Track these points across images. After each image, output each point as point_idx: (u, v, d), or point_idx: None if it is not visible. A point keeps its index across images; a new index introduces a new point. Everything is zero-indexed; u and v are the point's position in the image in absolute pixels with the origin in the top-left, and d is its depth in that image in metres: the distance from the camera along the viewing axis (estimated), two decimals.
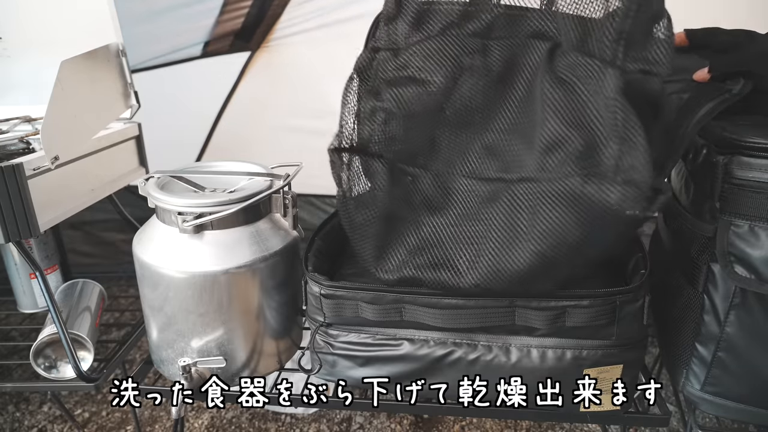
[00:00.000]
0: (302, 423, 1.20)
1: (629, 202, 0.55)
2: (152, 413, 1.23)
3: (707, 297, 0.68)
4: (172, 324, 0.75)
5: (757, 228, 0.62)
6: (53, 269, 1.06)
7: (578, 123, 0.59)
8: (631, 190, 0.55)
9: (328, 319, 0.75)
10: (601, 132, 0.58)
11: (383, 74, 0.69)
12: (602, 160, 0.57)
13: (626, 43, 0.57)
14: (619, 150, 0.56)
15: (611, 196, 0.56)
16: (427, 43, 0.67)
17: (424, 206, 0.71)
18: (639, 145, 0.55)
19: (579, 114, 0.59)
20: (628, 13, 0.56)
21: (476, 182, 0.68)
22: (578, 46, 0.61)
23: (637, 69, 0.57)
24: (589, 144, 0.59)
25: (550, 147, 0.61)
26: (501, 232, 0.64)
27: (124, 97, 1.01)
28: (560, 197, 0.59)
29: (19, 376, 1.12)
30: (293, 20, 1.37)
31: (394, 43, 0.70)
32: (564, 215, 0.59)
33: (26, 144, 0.91)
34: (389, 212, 0.71)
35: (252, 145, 1.51)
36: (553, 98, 0.60)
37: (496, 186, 0.66)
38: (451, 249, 0.68)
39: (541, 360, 0.70)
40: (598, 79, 0.57)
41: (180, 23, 1.39)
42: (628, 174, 0.56)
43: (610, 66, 0.57)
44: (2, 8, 1.03)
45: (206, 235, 0.73)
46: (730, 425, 0.97)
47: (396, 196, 0.71)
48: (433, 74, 0.66)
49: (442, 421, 1.20)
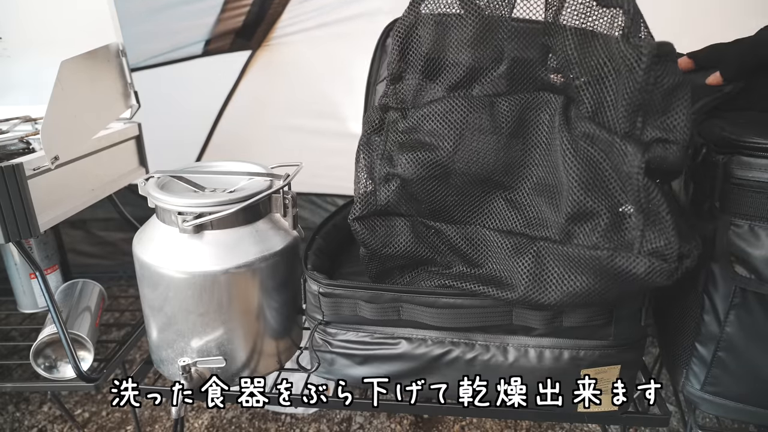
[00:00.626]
0: (302, 423, 1.20)
1: (656, 273, 0.57)
2: (152, 413, 1.23)
3: (707, 297, 0.68)
4: (172, 324, 0.75)
5: (757, 228, 0.62)
6: (53, 269, 1.06)
7: (603, 196, 0.60)
8: (658, 262, 0.57)
9: (326, 318, 0.75)
10: (626, 206, 0.60)
11: (394, 137, 0.70)
12: (628, 233, 0.59)
13: (644, 114, 0.58)
14: (644, 223, 0.58)
15: (639, 268, 0.57)
16: (433, 106, 0.67)
17: (451, 252, 0.72)
18: (664, 219, 0.57)
19: (603, 187, 0.60)
20: (645, 87, 0.56)
21: (501, 235, 0.68)
22: (593, 112, 0.61)
23: (656, 138, 0.57)
24: (615, 216, 0.60)
25: (577, 217, 0.62)
26: (528, 282, 0.64)
27: (124, 97, 1.01)
28: (587, 265, 0.60)
29: (19, 376, 1.12)
30: (294, 19, 1.37)
31: (402, 102, 0.70)
32: (592, 281, 0.60)
33: (26, 144, 0.91)
34: (416, 261, 0.74)
35: (252, 144, 1.50)
36: (576, 168, 0.61)
37: (520, 241, 0.66)
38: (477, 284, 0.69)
39: (538, 360, 0.70)
40: (618, 155, 0.58)
41: (181, 21, 1.39)
42: (653, 247, 0.57)
43: (629, 142, 0.57)
44: (2, 8, 1.03)
45: (206, 235, 0.73)
46: (730, 425, 0.97)
47: (423, 249, 0.73)
48: (441, 139, 0.66)
49: (442, 421, 1.20)
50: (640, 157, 0.56)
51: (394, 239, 0.72)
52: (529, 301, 0.64)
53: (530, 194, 0.68)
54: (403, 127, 0.69)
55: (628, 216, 0.59)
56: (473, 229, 0.71)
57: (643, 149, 0.56)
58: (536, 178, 0.68)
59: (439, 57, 0.67)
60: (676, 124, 0.57)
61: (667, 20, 0.61)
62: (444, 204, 0.71)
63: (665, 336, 0.79)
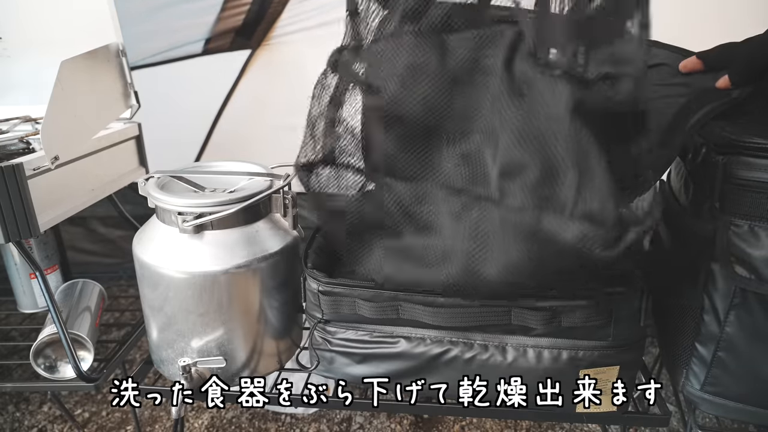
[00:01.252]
0: (302, 423, 1.20)
1: (589, 241, 0.48)
2: (152, 413, 1.23)
3: (707, 297, 0.68)
4: (172, 324, 0.75)
5: (757, 228, 0.62)
6: (53, 269, 1.06)
7: (536, 147, 0.51)
8: (591, 227, 0.48)
9: (326, 316, 0.75)
10: (559, 159, 0.50)
11: (345, 78, 0.65)
12: (561, 191, 0.50)
13: (588, 42, 0.49)
14: (579, 180, 0.48)
15: (569, 232, 0.49)
16: (380, 45, 0.61)
17: (401, 214, 0.67)
18: (597, 175, 0.48)
19: (536, 136, 0.51)
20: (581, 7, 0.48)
21: (451, 193, 0.62)
22: (537, 43, 0.52)
23: (602, 74, 0.49)
24: (547, 172, 0.51)
25: (506, 172, 0.54)
26: (467, 252, 0.59)
27: (124, 97, 1.01)
28: (517, 230, 0.53)
29: (19, 376, 1.12)
30: (294, 18, 1.37)
31: (358, 38, 0.65)
32: (525, 250, 0.53)
33: (26, 144, 0.90)
34: (364, 221, 0.68)
35: (252, 143, 1.50)
36: (510, 114, 0.53)
37: (466, 200, 0.61)
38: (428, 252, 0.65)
39: (537, 360, 0.70)
40: (550, 94, 0.49)
41: (180, 20, 1.39)
42: (587, 209, 0.48)
43: (562, 78, 0.48)
44: (2, 8, 1.03)
45: (206, 235, 0.73)
46: (730, 425, 0.97)
47: (369, 206, 0.67)
48: (386, 82, 0.60)
49: (442, 421, 1.20)
50: (568, 93, 0.47)
51: (341, 192, 0.67)
52: (470, 272, 0.57)
53: (479, 146, 0.60)
54: (352, 69, 0.64)
55: (560, 174, 0.49)
56: (424, 186, 0.64)
57: (574, 86, 0.47)
58: (488, 127, 0.59)
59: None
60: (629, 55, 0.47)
61: (666, 25, 0.60)
62: (394, 156, 0.64)
63: (665, 336, 0.79)
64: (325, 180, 0.67)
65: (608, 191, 0.47)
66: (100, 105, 0.94)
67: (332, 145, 0.64)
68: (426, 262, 0.64)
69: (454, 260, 0.60)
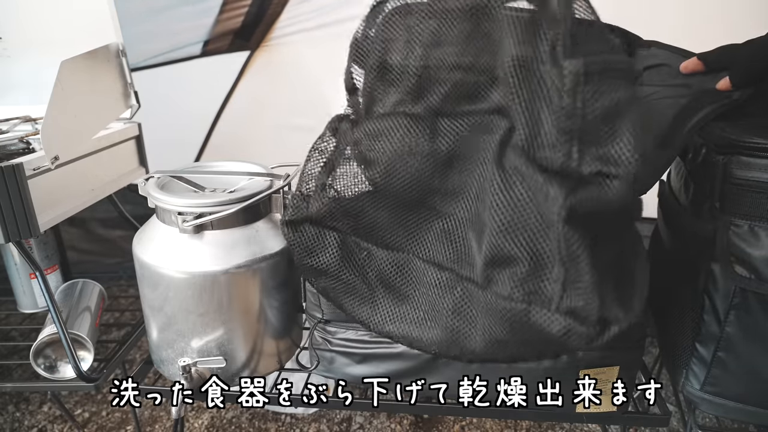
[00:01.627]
0: (302, 423, 1.20)
1: (573, 335, 0.51)
2: (152, 413, 1.23)
3: (707, 297, 0.68)
4: (172, 324, 0.75)
5: (757, 228, 0.62)
6: (53, 269, 1.06)
7: (525, 241, 0.53)
8: (575, 322, 0.51)
9: (326, 316, 0.75)
10: (547, 255, 0.52)
11: (341, 146, 0.67)
12: (547, 286, 0.53)
13: (580, 144, 0.49)
14: (565, 277, 0.51)
15: (554, 326, 0.52)
16: (375, 123, 0.63)
17: (379, 283, 0.69)
18: (585, 275, 0.49)
19: (526, 232, 0.53)
20: (574, 111, 0.47)
21: (432, 268, 0.65)
22: (528, 143, 0.52)
23: (594, 172, 0.49)
24: (535, 265, 0.53)
25: (495, 262, 0.56)
26: (450, 327, 0.63)
27: (124, 97, 1.01)
28: (504, 317, 0.56)
29: (19, 376, 1.12)
30: (293, 19, 1.37)
31: (356, 113, 0.68)
32: (510, 333, 0.57)
33: (26, 144, 0.91)
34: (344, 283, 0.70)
35: (251, 144, 1.50)
36: (499, 206, 0.54)
37: (449, 277, 0.63)
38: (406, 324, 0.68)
39: (537, 360, 0.70)
40: (542, 196, 0.50)
41: (179, 22, 1.39)
42: (573, 305, 0.51)
43: (552, 182, 0.49)
44: (2, 8, 1.03)
45: (206, 235, 0.73)
46: (730, 425, 0.97)
47: (350, 270, 0.69)
48: (378, 156, 0.62)
49: (442, 421, 1.20)
50: (561, 201, 0.48)
51: (320, 251, 0.69)
52: (454, 342, 0.62)
53: (464, 227, 0.63)
54: (349, 139, 0.66)
55: (547, 270, 0.52)
56: (405, 257, 0.67)
57: (567, 191, 0.48)
58: (471, 211, 0.62)
59: (390, 61, 0.62)
60: (619, 154, 0.48)
61: (670, 27, 0.59)
62: (378, 225, 0.68)
63: (665, 336, 0.79)
64: (310, 238, 0.69)
65: (593, 290, 0.50)
66: (100, 105, 0.94)
67: (320, 208, 0.67)
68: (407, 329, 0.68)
69: (436, 328, 0.64)
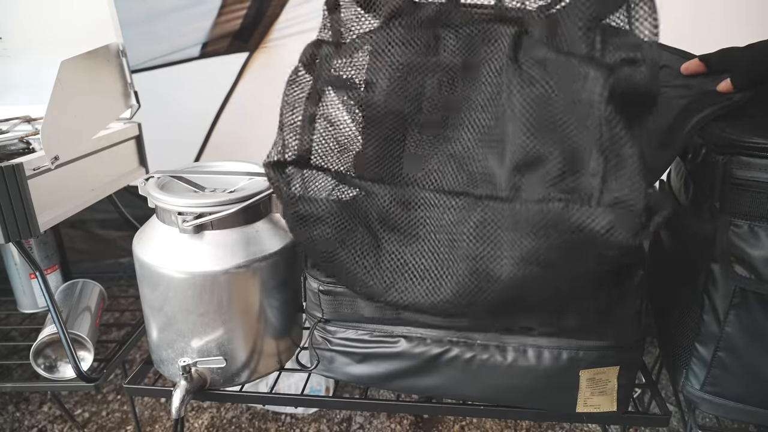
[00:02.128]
0: (302, 423, 1.20)
1: (620, 227, 0.47)
2: (152, 413, 1.23)
3: (707, 297, 0.68)
4: (172, 324, 0.75)
5: (757, 228, 0.62)
6: (53, 269, 1.06)
7: (555, 137, 0.50)
8: (622, 213, 0.47)
9: (326, 316, 0.75)
10: (583, 147, 0.49)
11: (325, 73, 0.60)
12: (585, 180, 0.49)
13: (603, 30, 0.48)
14: (605, 167, 0.48)
15: (598, 221, 0.48)
16: (369, 36, 0.58)
17: (381, 225, 0.63)
18: (629, 159, 0.47)
19: (555, 125, 0.50)
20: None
21: (442, 197, 0.59)
22: (546, 36, 0.51)
23: (620, 59, 0.48)
24: (569, 161, 0.50)
25: (522, 165, 0.53)
26: (472, 255, 0.56)
27: (124, 97, 1.01)
28: (537, 223, 0.51)
29: (19, 376, 1.12)
30: (292, 21, 1.37)
31: (338, 34, 0.62)
32: (542, 243, 0.51)
33: (26, 144, 0.91)
34: (341, 232, 0.63)
35: (250, 145, 1.50)
36: (522, 105, 0.51)
37: (464, 202, 0.58)
38: (417, 270, 0.61)
39: (537, 360, 0.70)
40: (576, 83, 0.48)
41: (178, 24, 1.40)
42: (617, 195, 0.48)
43: (590, 65, 0.47)
44: (2, 8, 1.03)
45: (206, 235, 0.73)
46: (730, 425, 0.97)
47: (347, 215, 0.63)
48: (376, 74, 0.57)
49: (442, 421, 1.20)
50: (603, 80, 0.46)
51: (312, 195, 0.62)
52: (475, 277, 0.55)
53: (474, 144, 0.58)
54: (336, 62, 0.60)
55: (585, 162, 0.49)
56: (410, 190, 0.60)
57: (608, 71, 0.46)
58: (482, 125, 0.57)
59: None
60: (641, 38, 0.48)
61: (676, 19, 0.58)
62: (375, 157, 0.61)
63: (665, 336, 0.79)
64: (298, 182, 0.62)
65: (639, 176, 0.47)
66: (100, 105, 0.94)
67: (308, 144, 0.61)
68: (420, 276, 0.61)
69: (450, 278, 0.58)
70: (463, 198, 0.58)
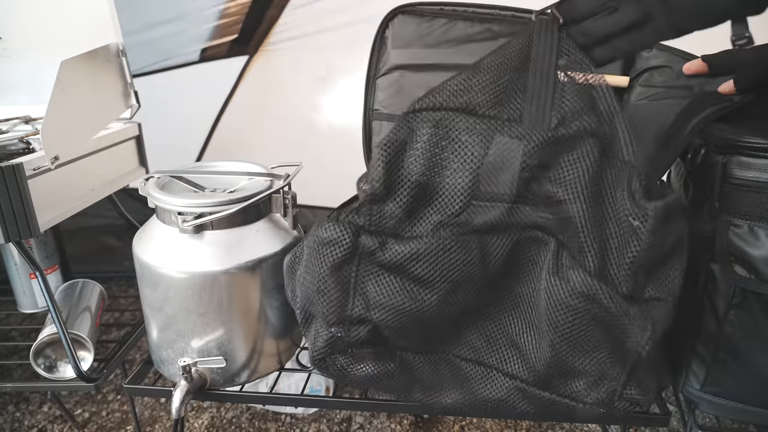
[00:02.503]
0: (302, 423, 1.20)
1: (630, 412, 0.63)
2: (152, 413, 1.23)
3: (707, 297, 0.68)
4: (172, 324, 0.75)
5: (757, 228, 0.62)
6: (53, 269, 1.06)
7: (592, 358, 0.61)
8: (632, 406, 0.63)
9: None
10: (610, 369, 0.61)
11: (369, 270, 0.60)
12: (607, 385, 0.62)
13: (646, 273, 0.57)
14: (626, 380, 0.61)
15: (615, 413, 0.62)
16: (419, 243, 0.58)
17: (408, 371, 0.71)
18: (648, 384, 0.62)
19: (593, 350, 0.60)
20: (650, 248, 0.55)
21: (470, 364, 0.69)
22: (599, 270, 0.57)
23: (652, 297, 0.58)
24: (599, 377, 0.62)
25: (560, 373, 0.63)
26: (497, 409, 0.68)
27: (124, 97, 1.01)
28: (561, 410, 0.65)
29: (19, 376, 1.12)
30: (291, 24, 1.37)
31: (380, 227, 0.60)
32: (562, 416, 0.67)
33: (26, 144, 0.90)
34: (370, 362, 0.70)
35: (250, 148, 1.51)
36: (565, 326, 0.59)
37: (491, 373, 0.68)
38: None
39: None
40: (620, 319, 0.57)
41: (178, 28, 1.39)
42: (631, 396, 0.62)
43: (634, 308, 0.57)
44: (2, 8, 1.03)
45: (206, 235, 0.73)
46: (730, 425, 0.97)
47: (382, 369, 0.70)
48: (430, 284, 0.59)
49: (442, 421, 1.20)
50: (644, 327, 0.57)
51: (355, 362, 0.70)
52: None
53: (508, 331, 0.67)
54: (382, 261, 0.60)
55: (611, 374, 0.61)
56: (441, 357, 0.70)
57: (648, 316, 0.56)
58: (520, 316, 0.66)
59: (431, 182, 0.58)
60: (670, 281, 0.57)
61: None
62: (415, 337, 0.67)
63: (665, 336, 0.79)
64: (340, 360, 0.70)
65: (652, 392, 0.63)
66: (100, 105, 0.94)
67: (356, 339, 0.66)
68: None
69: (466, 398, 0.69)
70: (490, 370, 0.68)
